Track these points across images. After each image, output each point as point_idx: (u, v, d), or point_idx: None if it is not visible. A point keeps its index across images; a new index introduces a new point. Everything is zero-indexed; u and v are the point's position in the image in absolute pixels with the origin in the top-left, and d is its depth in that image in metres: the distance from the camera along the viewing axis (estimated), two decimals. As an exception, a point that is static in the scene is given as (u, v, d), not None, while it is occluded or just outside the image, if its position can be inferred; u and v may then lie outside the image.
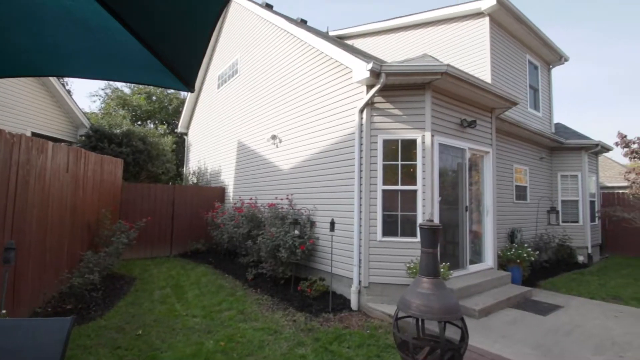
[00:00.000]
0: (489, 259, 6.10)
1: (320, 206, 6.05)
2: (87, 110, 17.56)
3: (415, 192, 5.01)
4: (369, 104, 5.11)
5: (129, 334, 4.10)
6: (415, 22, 9.57)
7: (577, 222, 9.37)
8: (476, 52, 8.08)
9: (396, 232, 5.02)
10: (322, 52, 6.10)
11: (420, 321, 2.65)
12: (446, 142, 5.34)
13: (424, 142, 5.00)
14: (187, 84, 1.41)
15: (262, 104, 8.24)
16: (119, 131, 10.30)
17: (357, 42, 11.71)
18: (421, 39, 9.49)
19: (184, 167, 13.91)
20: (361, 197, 5.10)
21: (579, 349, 3.68)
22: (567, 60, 10.08)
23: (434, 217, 5.01)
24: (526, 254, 6.20)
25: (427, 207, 4.95)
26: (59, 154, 5.14)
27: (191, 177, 12.00)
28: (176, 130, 16.17)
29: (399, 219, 5.06)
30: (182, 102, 15.73)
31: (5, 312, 3.29)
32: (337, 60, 5.67)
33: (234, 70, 9.97)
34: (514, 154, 8.33)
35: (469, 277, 5.40)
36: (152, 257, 8.76)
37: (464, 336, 2.46)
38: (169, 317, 4.69)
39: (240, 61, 9.59)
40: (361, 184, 5.11)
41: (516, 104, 6.15)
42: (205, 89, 12.33)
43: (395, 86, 5.09)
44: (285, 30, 7.32)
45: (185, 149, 14.23)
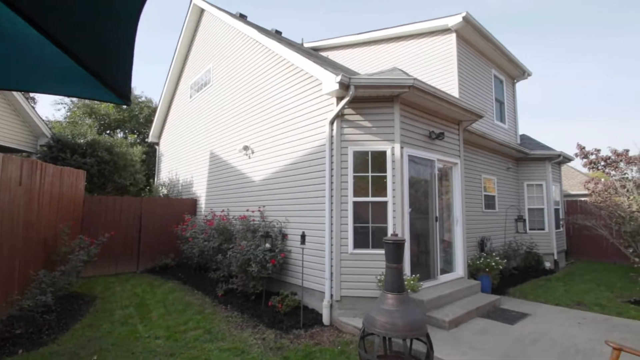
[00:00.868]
0: (460, 268, 6.18)
1: (292, 218, 5.95)
2: (51, 118, 16.77)
3: (385, 203, 5.02)
4: (339, 116, 5.12)
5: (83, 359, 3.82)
6: (387, 36, 9.79)
7: (543, 229, 9.73)
8: (445, 66, 8.34)
9: (367, 244, 4.99)
10: (292, 63, 6.09)
11: (386, 338, 2.60)
12: (415, 153, 5.41)
13: (393, 154, 5.04)
14: (120, 95, 1.30)
15: (234, 114, 8.11)
16: (83, 141, 9.83)
17: (332, 54, 11.84)
18: (394, 52, 9.71)
19: (155, 178, 13.44)
20: (332, 209, 5.05)
21: (544, 358, 3.74)
22: (530, 75, 10.59)
23: (404, 228, 5.03)
24: (494, 263, 6.33)
25: (397, 218, 4.96)
26: (10, 165, 4.81)
27: (162, 188, 11.59)
28: (147, 139, 15.67)
29: (370, 230, 5.04)
30: (154, 110, 15.27)
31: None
32: (307, 72, 5.67)
33: (207, 79, 9.80)
34: (483, 165, 8.58)
35: (440, 287, 5.43)
36: (117, 274, 8.32)
37: (429, 353, 2.42)
38: (129, 340, 4.42)
39: (212, 71, 9.45)
40: (332, 196, 5.07)
41: (481, 116, 6.35)
42: (177, 98, 12.05)
43: (365, 98, 5.12)
44: (256, 41, 7.28)
45: (156, 159, 13.78)
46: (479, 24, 8.22)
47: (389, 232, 4.96)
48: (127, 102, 1.36)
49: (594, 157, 7.24)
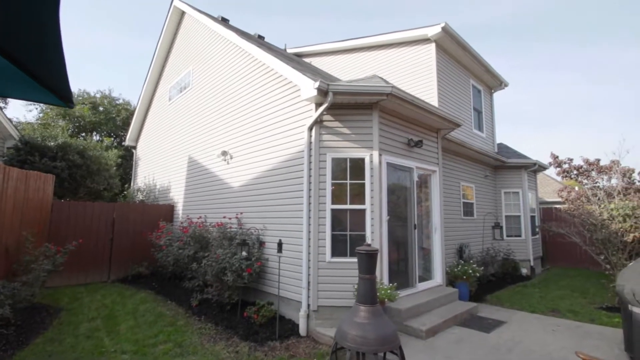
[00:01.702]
0: (438, 276, 6.19)
1: (270, 225, 5.83)
2: (22, 120, 16.06)
3: (364, 211, 4.97)
4: (318, 122, 5.06)
5: (39, 378, 3.57)
6: (369, 44, 9.87)
7: (520, 236, 9.92)
8: (424, 75, 8.45)
9: (345, 253, 4.92)
10: (272, 68, 6.02)
11: (359, 352, 2.52)
12: (394, 161, 5.40)
13: (372, 161, 5.02)
14: (62, 98, 1.19)
15: (213, 118, 7.95)
16: (53, 144, 9.42)
17: (315, 60, 11.85)
18: (376, 60, 9.79)
19: (131, 183, 13.02)
20: (310, 217, 4.96)
21: (519, 367, 3.74)
22: (506, 85, 10.88)
23: (382, 235, 5.00)
24: (472, 270, 6.37)
25: (375, 226, 4.92)
26: (-34, 170, 4.51)
27: (137, 193, 11.22)
28: (124, 143, 15.20)
29: (348, 238, 4.98)
30: (132, 113, 14.84)
31: None
32: (286, 77, 5.60)
33: (186, 82, 9.60)
34: (461, 172, 8.70)
35: (418, 295, 5.41)
36: (87, 284, 7.94)
37: (401, 367, 2.35)
38: (93, 355, 4.18)
39: (192, 74, 9.26)
40: (310, 203, 4.99)
41: (459, 125, 6.43)
42: (156, 101, 11.76)
43: (344, 105, 5.09)
44: (236, 44, 7.18)
45: (133, 163, 13.36)
46: (458, 35, 8.38)
47: (367, 240, 4.91)
48: (69, 104, 1.25)
49: (567, 166, 7.46)
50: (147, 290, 7.36)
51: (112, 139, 17.02)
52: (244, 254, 5.35)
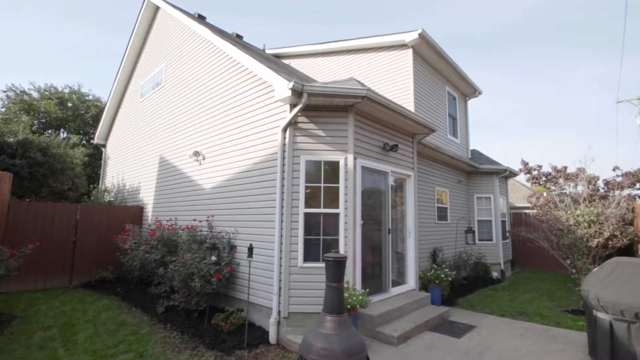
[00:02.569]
0: (411, 280, 6.19)
1: (242, 229, 5.65)
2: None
3: (338, 215, 4.89)
4: (292, 123, 4.95)
5: (-22, 396, 3.26)
6: (348, 47, 9.87)
7: (491, 240, 10.15)
8: (401, 80, 8.51)
9: (318, 257, 4.82)
10: (247, 67, 5.86)
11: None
12: (369, 165, 5.36)
13: (346, 165, 4.95)
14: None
15: (186, 117, 7.68)
16: (13, 140, 8.83)
17: (294, 62, 11.74)
18: (354, 64, 9.80)
19: (100, 183, 12.41)
20: (283, 220, 4.83)
21: (487, 372, 3.75)
22: (480, 93, 11.15)
23: (356, 240, 4.93)
24: (444, 275, 6.41)
25: (349, 230, 4.84)
26: None
27: (103, 194, 10.70)
28: (93, 141, 14.52)
29: (321, 243, 4.88)
30: (102, 110, 14.19)
31: None
32: (261, 77, 5.46)
33: (159, 79, 9.26)
34: (436, 177, 8.80)
35: (391, 300, 5.37)
36: (46, 289, 7.47)
37: (368, 378, 2.26)
38: (43, 368, 3.87)
39: (165, 70, 8.94)
40: (283, 206, 4.86)
41: (434, 130, 6.48)
42: (127, 98, 11.29)
43: (319, 107, 5.01)
44: (211, 42, 6.97)
45: (102, 162, 12.76)
46: (434, 42, 8.50)
47: (341, 244, 4.83)
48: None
49: (536, 172, 7.66)
50: (112, 296, 7.00)
51: (81, 137, 16.21)
52: (214, 258, 5.15)
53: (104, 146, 12.69)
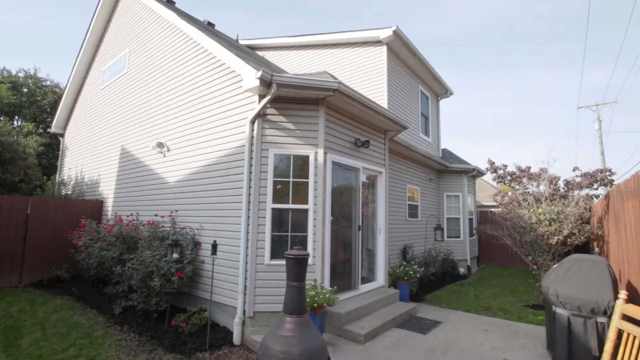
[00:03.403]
0: (381, 277, 6.18)
1: (207, 225, 5.39)
2: None
3: (306, 211, 4.76)
4: (261, 115, 4.75)
5: None
6: (323, 41, 9.72)
7: (459, 237, 10.40)
8: (375, 77, 8.48)
9: (286, 255, 4.66)
10: (214, 55, 5.59)
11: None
12: (340, 160, 5.26)
13: (316, 159, 4.82)
14: None
15: (151, 106, 7.25)
16: (-47, 126, 8.02)
17: (268, 54, 11.45)
18: (329, 58, 9.67)
19: (57, 175, 11.59)
20: (249, 216, 4.64)
21: (452, 369, 3.76)
22: (452, 94, 11.36)
23: (325, 237, 4.82)
24: (413, 271, 6.45)
25: (318, 227, 4.73)
26: None
27: (59, 187, 9.99)
28: (50, 130, 13.54)
29: (289, 239, 4.73)
30: (61, 97, 13.24)
31: None
32: (229, 65, 5.22)
33: (122, 65, 8.72)
34: (408, 175, 8.87)
35: (360, 298, 5.32)
36: (-10, 289, 6.86)
37: (329, 382, 2.16)
38: (-24, 378, 3.49)
39: (129, 56, 8.42)
40: (250, 201, 4.66)
41: (406, 127, 6.48)
42: (88, 84, 10.57)
43: (289, 99, 4.84)
44: (177, 27, 6.60)
45: (60, 153, 11.92)
46: (408, 40, 8.53)
47: (310, 241, 4.71)
48: None
49: (501, 172, 7.86)
50: (65, 296, 6.53)
51: (36, 125, 15.09)
52: (175, 255, 4.88)
53: (62, 135, 11.86)
